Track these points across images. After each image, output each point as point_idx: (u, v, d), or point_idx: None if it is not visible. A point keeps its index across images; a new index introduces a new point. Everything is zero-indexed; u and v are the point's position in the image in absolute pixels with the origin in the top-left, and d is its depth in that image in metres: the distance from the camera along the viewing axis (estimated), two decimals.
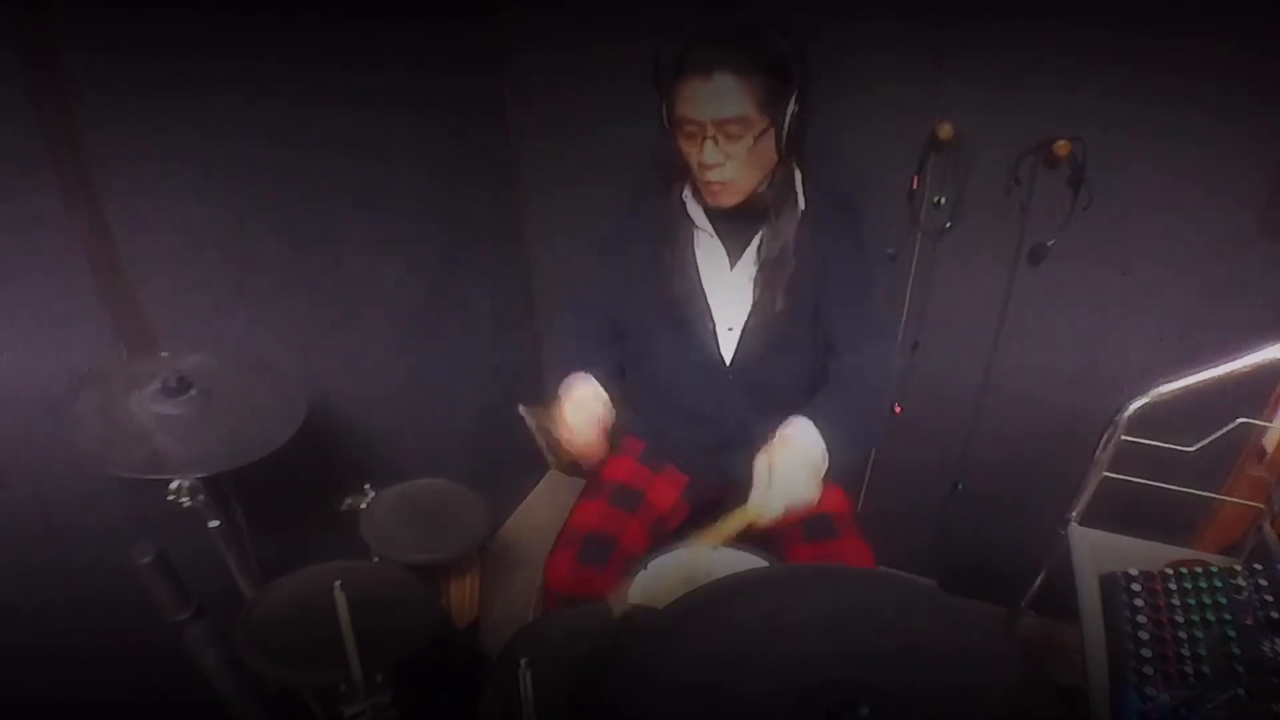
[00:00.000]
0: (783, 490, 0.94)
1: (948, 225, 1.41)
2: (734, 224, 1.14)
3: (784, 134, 1.03)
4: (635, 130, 1.05)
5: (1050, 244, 1.34)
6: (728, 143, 1.02)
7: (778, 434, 1.01)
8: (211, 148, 1.07)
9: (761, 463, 0.97)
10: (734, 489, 1.33)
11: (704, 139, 1.02)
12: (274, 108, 1.14)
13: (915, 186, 1.39)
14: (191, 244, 1.08)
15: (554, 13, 1.54)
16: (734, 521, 0.97)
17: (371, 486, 1.23)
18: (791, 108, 1.02)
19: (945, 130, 1.30)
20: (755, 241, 1.14)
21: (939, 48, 1.28)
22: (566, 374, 1.17)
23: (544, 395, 1.22)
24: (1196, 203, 1.25)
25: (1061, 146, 1.25)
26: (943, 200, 1.39)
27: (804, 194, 1.13)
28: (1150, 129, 1.21)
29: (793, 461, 0.96)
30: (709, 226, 1.16)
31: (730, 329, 1.18)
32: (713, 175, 1.05)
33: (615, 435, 1.12)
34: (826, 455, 1.00)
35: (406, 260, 1.49)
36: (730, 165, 1.04)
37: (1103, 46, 1.18)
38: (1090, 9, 1.17)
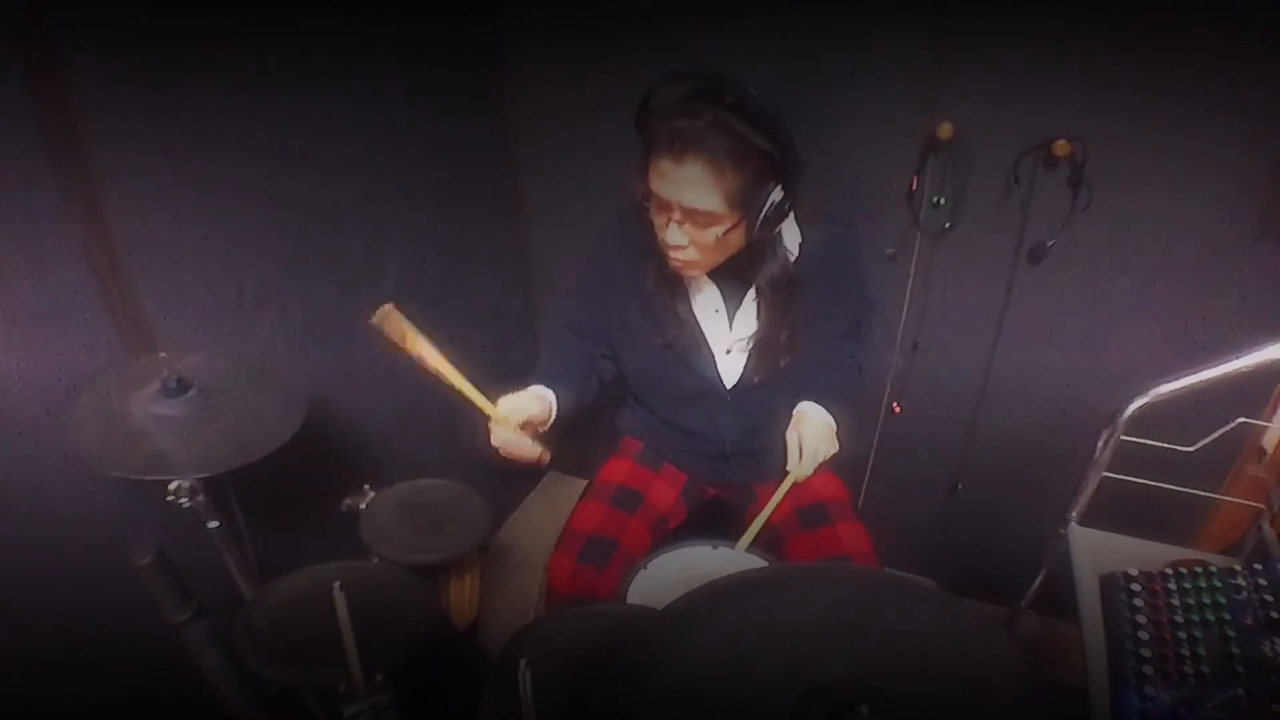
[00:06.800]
0: (812, 453, 1.14)
1: (947, 225, 1.41)
2: (728, 271, 1.11)
3: (756, 224, 0.97)
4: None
5: (1050, 244, 1.34)
6: (695, 230, 0.98)
7: (795, 412, 1.19)
8: (211, 147, 1.06)
9: (792, 437, 1.16)
10: (734, 489, 1.34)
11: (669, 219, 0.98)
12: (274, 107, 1.14)
13: (915, 186, 1.38)
14: (191, 244, 1.08)
15: (553, 9, 1.54)
16: (780, 492, 1.15)
17: (371, 486, 1.23)
18: (772, 198, 0.95)
19: (945, 130, 1.30)
20: (753, 286, 1.13)
21: (939, 47, 1.28)
22: (530, 385, 1.15)
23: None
24: (1196, 202, 1.25)
25: (1061, 146, 1.25)
26: (942, 200, 1.39)
27: (798, 229, 1.12)
28: (1150, 129, 1.21)
29: (816, 430, 1.16)
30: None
31: (729, 352, 1.17)
32: (674, 254, 1.02)
33: (551, 445, 1.09)
34: (833, 420, 1.20)
35: (406, 260, 1.49)
36: (693, 249, 1.00)
37: (1103, 46, 1.18)
38: (1090, 9, 1.17)
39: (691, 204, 0.95)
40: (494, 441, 1.08)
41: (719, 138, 0.91)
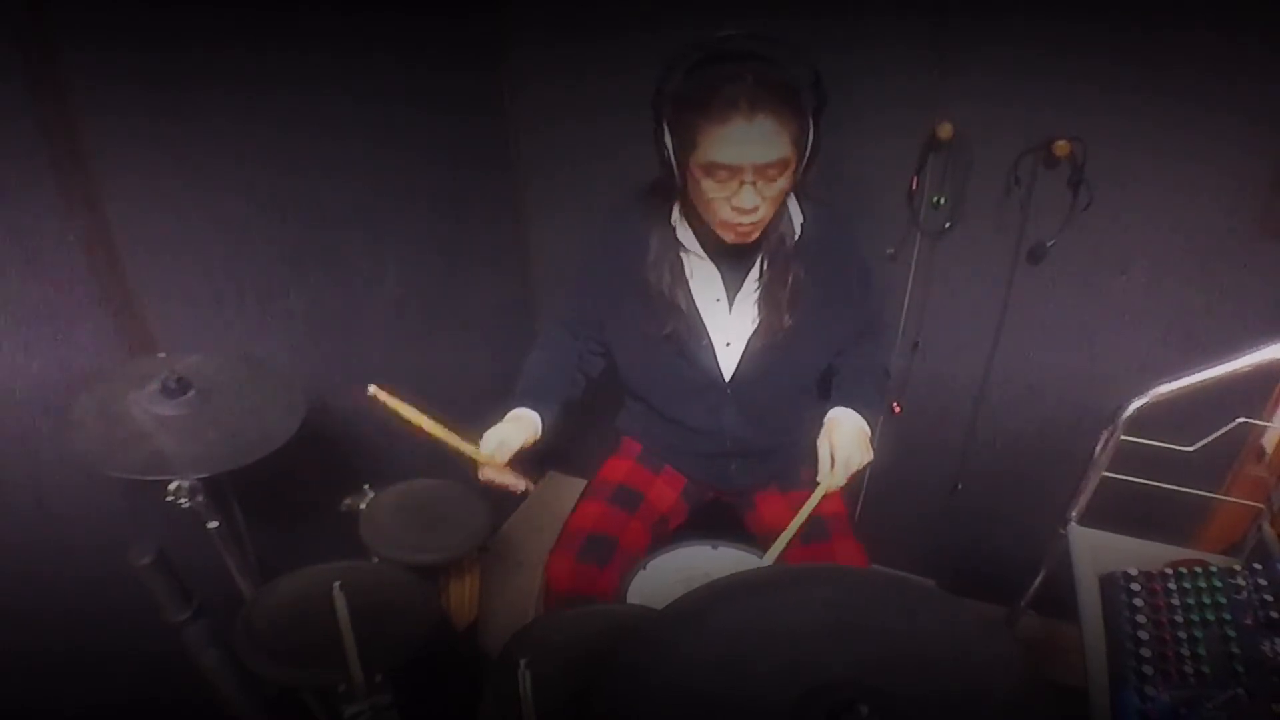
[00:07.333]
0: (845, 461, 1.09)
1: (947, 225, 1.41)
2: (731, 248, 1.10)
3: (804, 161, 1.00)
4: (636, 126, 1.04)
5: (1050, 244, 1.34)
6: (765, 185, 0.98)
7: (827, 419, 1.15)
8: (211, 147, 1.07)
9: (823, 445, 1.11)
10: (734, 493, 1.34)
11: (742, 183, 0.97)
12: (274, 107, 1.14)
13: (915, 187, 1.39)
14: (191, 244, 1.08)
15: (553, 8, 1.54)
16: (811, 502, 1.08)
17: (371, 486, 1.23)
18: (811, 137, 0.98)
19: (945, 130, 1.30)
20: (755, 265, 1.12)
21: (939, 47, 1.28)
22: (512, 406, 1.15)
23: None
24: (1196, 202, 1.25)
25: (1061, 146, 1.25)
26: (942, 200, 1.39)
27: (800, 210, 1.12)
28: (1150, 129, 1.21)
29: (849, 438, 1.11)
30: (704, 253, 1.12)
31: (729, 344, 1.16)
32: (744, 219, 1.00)
33: (536, 470, 1.10)
34: (867, 426, 1.15)
35: (406, 260, 1.49)
36: (763, 207, 1.00)
37: (1103, 46, 1.18)
38: (1090, 9, 1.17)
39: (766, 158, 0.95)
40: (481, 478, 1.10)
41: (772, 85, 0.94)
